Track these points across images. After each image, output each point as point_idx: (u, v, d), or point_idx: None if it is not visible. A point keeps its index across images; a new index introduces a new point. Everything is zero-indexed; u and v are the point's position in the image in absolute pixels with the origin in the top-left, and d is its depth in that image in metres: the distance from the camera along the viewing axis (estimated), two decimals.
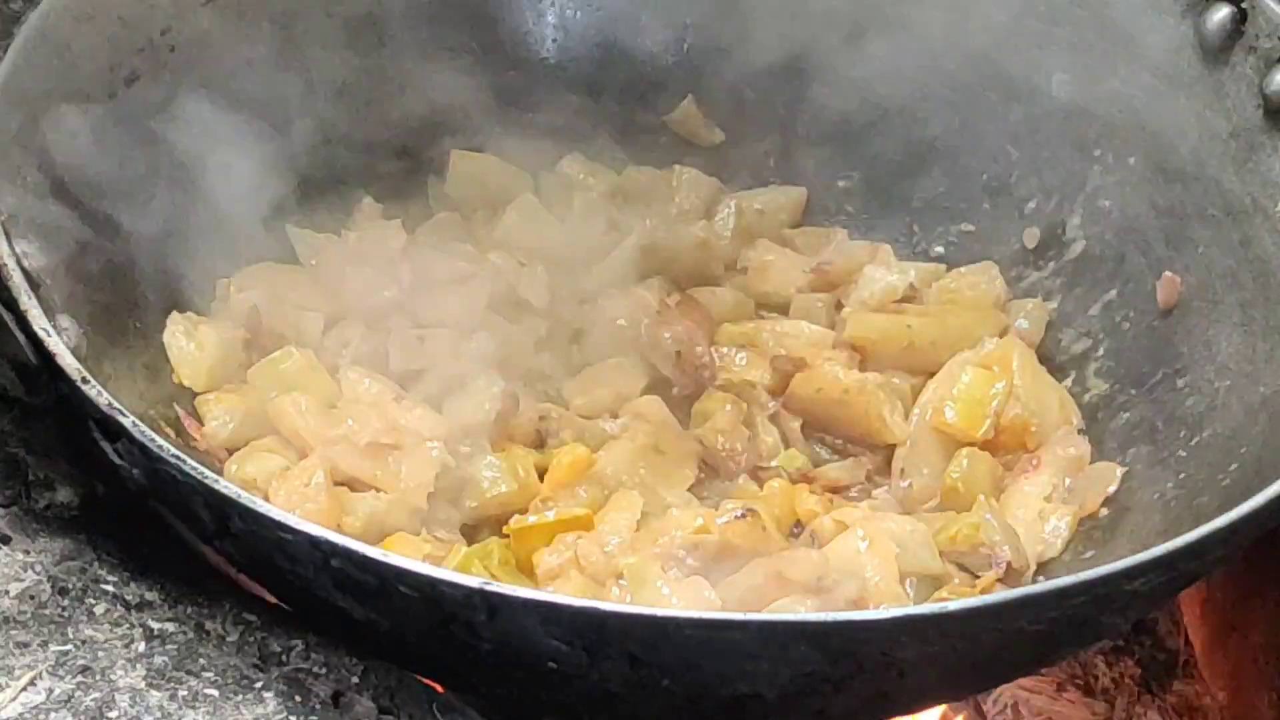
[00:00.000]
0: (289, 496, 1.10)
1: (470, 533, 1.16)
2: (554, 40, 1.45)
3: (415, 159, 1.41)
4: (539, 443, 1.22)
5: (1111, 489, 1.19)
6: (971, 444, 1.22)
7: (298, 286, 1.27)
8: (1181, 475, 1.14)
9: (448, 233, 1.36)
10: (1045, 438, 1.23)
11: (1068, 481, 1.21)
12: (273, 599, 1.02)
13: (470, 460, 1.17)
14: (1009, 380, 1.24)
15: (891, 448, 1.25)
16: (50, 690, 0.89)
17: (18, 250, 1.01)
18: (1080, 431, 1.25)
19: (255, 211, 1.27)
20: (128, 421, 0.92)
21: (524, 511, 1.14)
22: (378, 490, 1.14)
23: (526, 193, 1.40)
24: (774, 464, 1.23)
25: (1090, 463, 1.22)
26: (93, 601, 0.96)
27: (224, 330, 1.20)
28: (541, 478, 1.18)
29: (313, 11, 1.34)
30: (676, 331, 1.27)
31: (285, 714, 0.91)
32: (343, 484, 1.14)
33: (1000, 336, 1.29)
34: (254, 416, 1.16)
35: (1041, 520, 1.19)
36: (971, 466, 1.21)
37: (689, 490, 1.21)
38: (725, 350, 1.29)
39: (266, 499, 1.05)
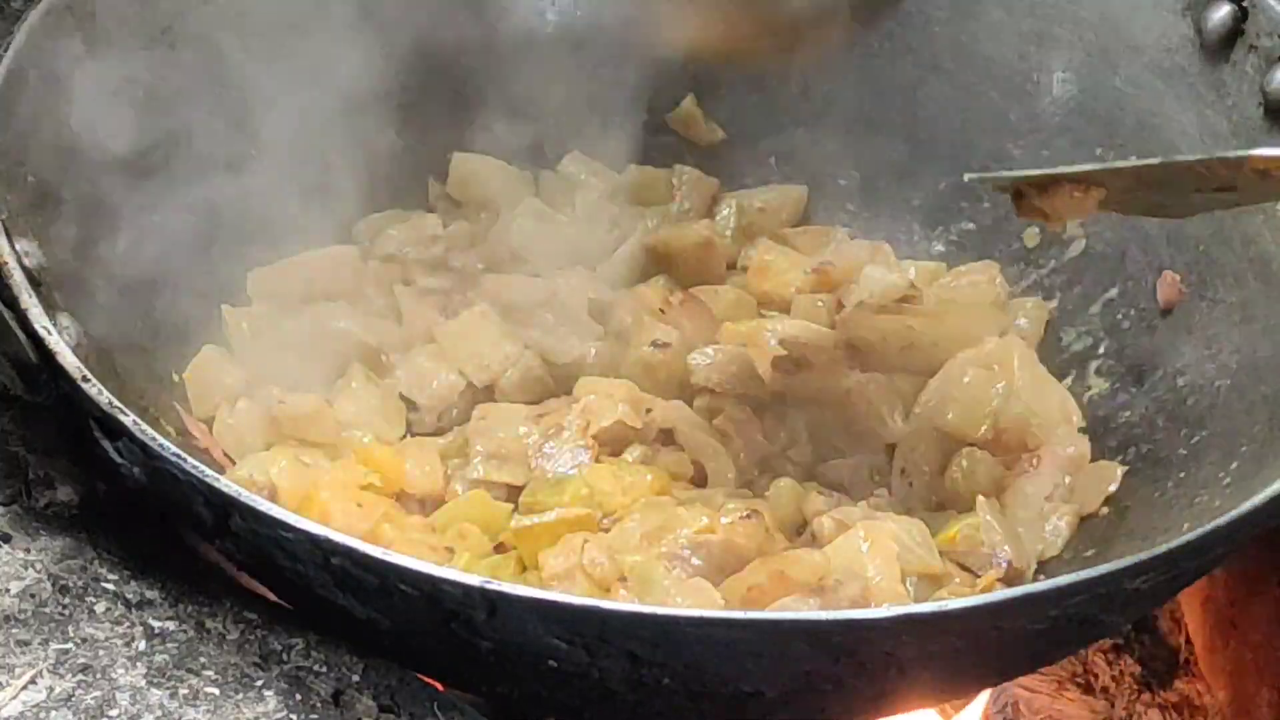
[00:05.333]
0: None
1: None
2: (555, 37, 1.45)
3: (415, 161, 1.41)
4: None
5: (1112, 488, 1.19)
6: (971, 444, 1.22)
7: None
8: (1182, 474, 1.14)
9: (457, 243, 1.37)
10: (1046, 437, 1.23)
11: (1068, 480, 1.21)
12: (273, 597, 1.02)
13: None
14: (1009, 380, 1.24)
15: (892, 447, 1.25)
16: (51, 689, 0.89)
17: (18, 249, 1.01)
18: (1080, 430, 1.25)
19: (261, 211, 1.28)
20: (128, 420, 0.92)
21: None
22: None
23: (530, 196, 1.40)
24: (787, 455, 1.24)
25: (1090, 461, 1.22)
26: (93, 600, 0.96)
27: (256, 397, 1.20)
28: None
29: (314, 13, 1.34)
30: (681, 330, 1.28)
31: (286, 712, 0.91)
32: None
33: (1000, 336, 1.29)
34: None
35: (1042, 519, 1.19)
36: (971, 466, 1.21)
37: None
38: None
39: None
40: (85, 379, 0.94)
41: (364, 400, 1.22)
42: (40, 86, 1.11)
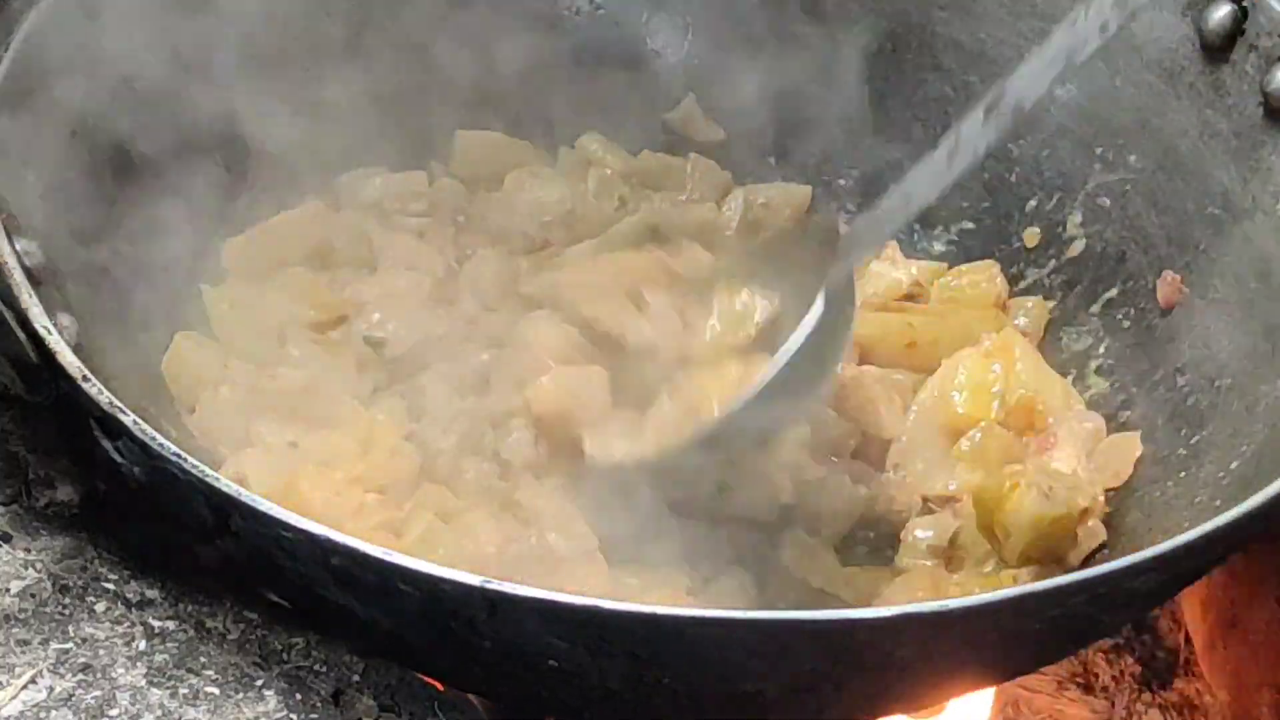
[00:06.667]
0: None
1: None
2: (557, 37, 1.45)
3: (416, 148, 1.41)
4: None
5: (1137, 453, 1.18)
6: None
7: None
8: (1182, 474, 1.14)
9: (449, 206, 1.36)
10: (1054, 416, 1.23)
11: (1088, 460, 1.20)
12: (273, 597, 1.02)
13: None
14: (1008, 363, 1.23)
15: (888, 443, 1.25)
16: (51, 688, 0.90)
17: (18, 248, 1.01)
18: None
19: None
20: (128, 420, 0.92)
21: None
22: None
23: (534, 162, 1.40)
24: None
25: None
26: (93, 599, 0.96)
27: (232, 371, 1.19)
28: None
29: (314, 10, 1.34)
30: None
31: (286, 712, 0.91)
32: None
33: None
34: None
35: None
36: (984, 439, 1.21)
37: None
38: None
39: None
40: (85, 379, 0.94)
41: (308, 366, 1.20)
42: (41, 86, 1.11)
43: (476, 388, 1.21)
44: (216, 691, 0.91)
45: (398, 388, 1.21)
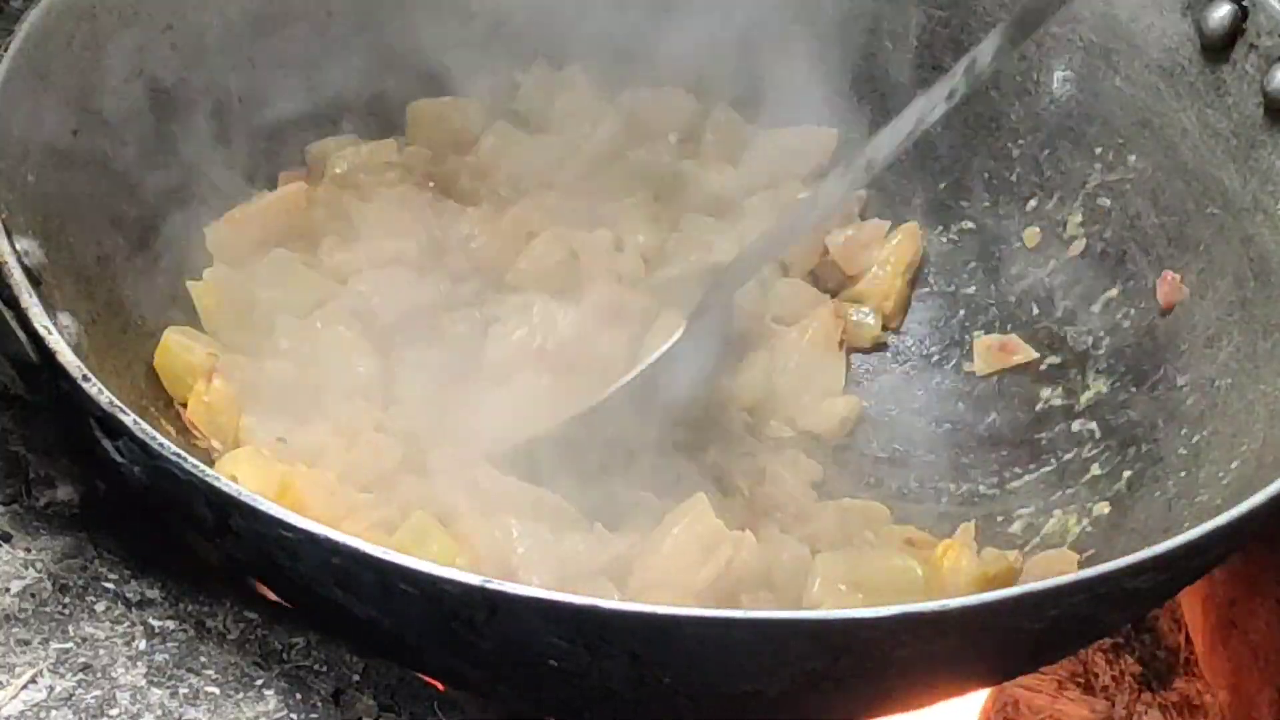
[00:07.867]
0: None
1: None
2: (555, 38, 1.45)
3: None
4: None
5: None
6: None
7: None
8: (1182, 473, 1.14)
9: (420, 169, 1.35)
10: None
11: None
12: (273, 597, 1.02)
13: None
14: None
15: None
16: (51, 688, 0.90)
17: (18, 248, 1.01)
18: None
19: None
20: (129, 419, 0.92)
21: None
22: None
23: (498, 120, 1.39)
24: None
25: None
26: (93, 599, 0.96)
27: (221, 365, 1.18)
28: None
29: (312, 7, 1.34)
30: None
31: (286, 711, 0.91)
32: None
33: None
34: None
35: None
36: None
37: None
38: None
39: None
40: (85, 378, 0.94)
41: (296, 357, 1.20)
42: (41, 86, 1.11)
43: (457, 374, 1.21)
44: (216, 691, 0.91)
45: (385, 376, 1.20)
